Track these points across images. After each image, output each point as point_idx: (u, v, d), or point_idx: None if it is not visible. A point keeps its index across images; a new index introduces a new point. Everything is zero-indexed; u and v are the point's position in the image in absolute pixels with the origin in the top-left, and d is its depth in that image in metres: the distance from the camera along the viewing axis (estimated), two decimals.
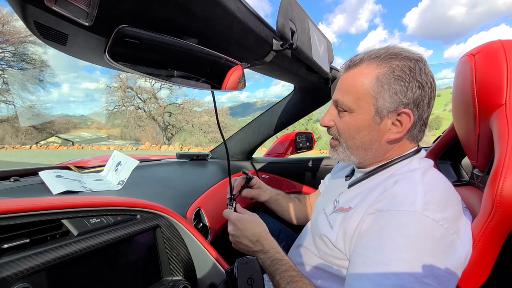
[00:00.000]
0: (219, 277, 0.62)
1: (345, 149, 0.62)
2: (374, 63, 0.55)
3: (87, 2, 0.35)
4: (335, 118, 0.62)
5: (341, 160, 0.65)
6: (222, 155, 1.45)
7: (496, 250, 0.49)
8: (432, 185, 0.52)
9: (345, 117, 0.59)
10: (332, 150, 0.66)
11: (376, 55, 0.56)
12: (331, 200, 0.67)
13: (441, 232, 0.46)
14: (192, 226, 0.63)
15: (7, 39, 18.85)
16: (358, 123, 0.57)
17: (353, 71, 0.57)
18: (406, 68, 0.53)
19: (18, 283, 0.35)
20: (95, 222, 0.48)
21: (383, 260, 0.45)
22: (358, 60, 0.57)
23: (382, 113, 0.55)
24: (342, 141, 0.62)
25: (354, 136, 0.59)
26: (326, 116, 0.64)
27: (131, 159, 0.86)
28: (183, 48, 0.48)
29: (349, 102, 0.57)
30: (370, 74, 0.55)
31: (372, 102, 0.55)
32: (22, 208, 0.40)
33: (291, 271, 0.56)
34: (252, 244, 0.63)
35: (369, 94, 0.55)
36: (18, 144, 20.04)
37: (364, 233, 0.51)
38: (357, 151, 0.61)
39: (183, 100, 23.17)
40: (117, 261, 0.50)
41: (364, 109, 0.56)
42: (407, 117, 0.55)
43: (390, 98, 0.54)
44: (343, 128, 0.60)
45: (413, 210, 0.47)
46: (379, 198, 0.52)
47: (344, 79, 0.59)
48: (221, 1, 0.46)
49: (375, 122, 0.56)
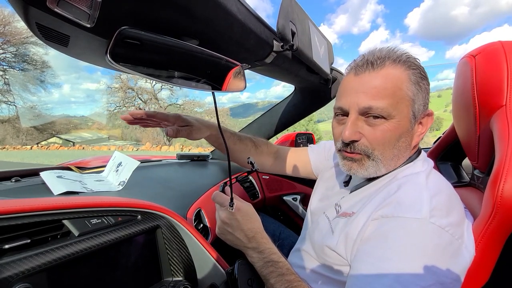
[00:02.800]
0: (220, 277, 0.62)
1: (378, 162, 0.54)
2: (398, 64, 0.52)
3: (88, 4, 0.35)
4: (363, 128, 0.53)
5: (365, 176, 0.57)
6: (222, 156, 1.45)
7: (497, 251, 0.49)
8: (436, 189, 0.51)
9: (383, 125, 0.52)
10: (358, 165, 0.56)
11: (396, 56, 0.53)
12: (332, 204, 0.65)
13: (448, 239, 0.45)
14: (192, 227, 0.63)
15: (9, 40, 18.92)
16: (400, 130, 0.52)
17: (380, 72, 0.51)
18: (422, 68, 0.54)
19: (19, 283, 0.35)
20: (96, 222, 0.48)
21: (389, 268, 0.44)
22: (380, 61, 0.52)
23: (417, 116, 0.53)
24: (376, 154, 0.54)
25: (394, 145, 0.53)
26: (351, 127, 0.53)
27: (131, 159, 0.86)
28: (184, 49, 0.48)
29: (389, 107, 0.50)
30: (403, 75, 0.51)
31: (410, 105, 0.52)
32: (23, 208, 0.40)
33: (288, 275, 0.53)
34: (246, 239, 0.57)
35: (408, 97, 0.51)
36: (19, 145, 20.07)
37: (367, 239, 0.49)
38: (391, 161, 0.55)
39: (183, 101, 23.23)
40: (117, 261, 0.50)
41: (403, 113, 0.51)
42: (430, 117, 0.55)
43: (423, 100, 0.53)
44: (380, 138, 0.52)
45: (419, 217, 0.45)
46: (384, 203, 0.51)
47: (368, 81, 0.52)
48: (221, 2, 0.46)
49: (411, 127, 0.53)
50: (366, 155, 0.54)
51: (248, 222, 0.57)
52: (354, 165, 0.56)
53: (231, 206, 0.60)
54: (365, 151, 0.54)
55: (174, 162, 1.28)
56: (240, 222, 0.57)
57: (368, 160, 0.55)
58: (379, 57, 0.52)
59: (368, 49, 0.56)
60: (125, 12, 0.40)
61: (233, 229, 0.57)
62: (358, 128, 0.54)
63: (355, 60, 0.57)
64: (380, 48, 0.56)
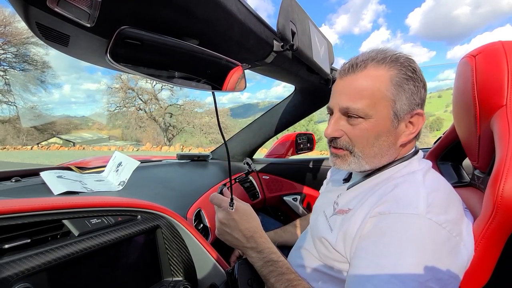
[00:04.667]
0: (220, 278, 0.62)
1: (360, 158, 0.57)
2: (381, 65, 0.54)
3: (88, 4, 0.35)
4: (344, 127, 0.57)
5: (349, 170, 0.61)
6: (222, 156, 1.45)
7: (498, 251, 0.48)
8: (434, 187, 0.52)
9: (361, 124, 0.55)
10: (341, 161, 0.60)
11: (381, 57, 0.54)
12: (331, 202, 0.66)
13: (445, 235, 0.45)
14: (192, 227, 0.63)
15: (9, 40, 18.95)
16: (378, 129, 0.55)
17: (360, 74, 0.55)
18: (411, 68, 0.54)
19: (19, 283, 0.36)
20: (96, 222, 0.48)
21: (387, 264, 0.44)
22: (363, 63, 0.55)
23: (399, 116, 0.54)
24: (356, 151, 0.57)
25: (373, 143, 0.56)
26: (333, 125, 0.58)
27: (132, 159, 0.87)
28: (184, 49, 0.49)
29: (365, 107, 0.53)
30: (383, 77, 0.53)
31: (390, 105, 0.53)
32: (23, 208, 0.40)
33: (288, 274, 0.54)
34: (245, 239, 0.57)
35: (387, 98, 0.53)
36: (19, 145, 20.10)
37: (366, 236, 0.50)
38: (374, 159, 0.57)
39: (184, 101, 23.25)
40: (117, 261, 0.50)
41: (382, 113, 0.54)
42: (420, 117, 0.55)
43: (407, 100, 0.54)
44: (359, 136, 0.56)
45: (416, 213, 0.46)
46: (381, 200, 0.52)
47: (350, 83, 0.56)
48: (221, 2, 0.46)
49: (393, 126, 0.55)
50: (349, 151, 0.58)
51: (245, 221, 0.58)
52: (338, 161, 0.61)
53: (231, 206, 0.60)
54: (347, 147, 0.58)
55: (174, 162, 1.28)
56: (238, 222, 0.57)
57: (351, 155, 0.59)
58: (362, 59, 0.55)
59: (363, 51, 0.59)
60: (125, 12, 0.40)
61: (231, 229, 0.58)
62: (340, 126, 0.58)
63: (344, 63, 0.60)
64: (371, 49, 0.58)
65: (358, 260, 0.49)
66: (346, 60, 0.60)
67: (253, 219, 0.59)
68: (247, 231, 0.57)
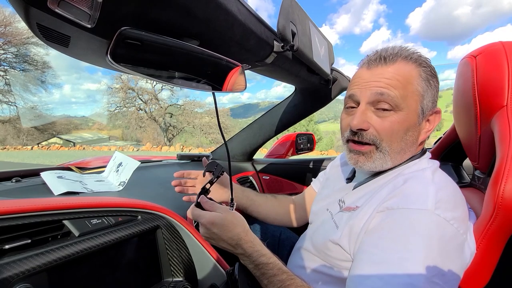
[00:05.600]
0: (220, 278, 0.62)
1: (386, 154, 0.55)
2: (409, 61, 0.54)
3: (89, 5, 0.35)
4: (372, 119, 0.55)
5: (372, 169, 0.57)
6: (223, 156, 1.45)
7: (498, 252, 0.48)
8: (442, 184, 0.52)
9: (391, 116, 0.53)
10: (365, 158, 0.56)
11: (407, 54, 0.55)
12: (335, 200, 0.66)
13: (452, 232, 0.45)
14: (193, 227, 0.63)
15: (10, 40, 18.97)
16: (407, 123, 0.54)
17: (392, 66, 0.54)
18: (432, 67, 0.55)
19: (20, 283, 0.36)
20: (96, 223, 0.48)
21: (394, 258, 0.44)
22: (392, 57, 0.54)
23: (425, 112, 0.55)
24: (384, 145, 0.54)
25: (402, 138, 0.54)
26: (360, 116, 0.54)
27: (132, 160, 0.87)
28: (184, 49, 0.49)
29: (399, 97, 0.52)
30: (414, 71, 0.53)
31: (419, 100, 0.54)
32: (24, 209, 0.40)
33: (280, 275, 0.52)
34: (231, 247, 0.55)
35: (417, 92, 0.53)
36: (19, 145, 20.12)
37: (372, 231, 0.50)
38: (398, 155, 0.56)
39: (184, 101, 23.26)
40: (118, 262, 0.50)
41: (412, 107, 0.53)
42: (437, 115, 0.56)
43: (432, 97, 0.55)
44: (388, 129, 0.53)
45: (424, 209, 0.46)
46: (389, 196, 0.52)
47: (382, 73, 0.54)
48: (222, 3, 0.46)
49: (419, 122, 0.55)
50: (375, 145, 0.55)
51: (227, 231, 0.54)
52: (361, 158, 0.57)
53: (232, 206, 0.61)
54: (374, 141, 0.55)
55: (174, 163, 1.28)
56: (219, 234, 0.54)
57: (376, 151, 0.55)
58: (391, 53, 0.55)
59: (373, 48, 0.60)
60: (125, 12, 0.40)
61: (216, 241, 0.56)
62: (367, 118, 0.55)
63: (368, 55, 0.59)
64: (393, 46, 0.58)
65: (363, 254, 0.49)
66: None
67: (235, 226, 0.55)
68: (231, 240, 0.54)
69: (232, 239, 0.54)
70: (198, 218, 0.55)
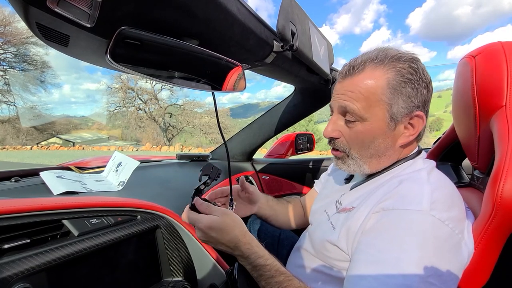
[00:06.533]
0: (219, 278, 0.62)
1: (357, 160, 0.59)
2: (379, 67, 0.53)
3: (88, 4, 0.35)
4: (342, 128, 0.58)
5: (351, 172, 0.61)
6: (222, 156, 1.45)
7: (497, 251, 0.49)
8: (438, 184, 0.52)
9: (357, 126, 0.56)
10: (340, 162, 0.61)
11: (379, 58, 0.54)
12: (333, 201, 0.66)
13: (447, 232, 0.45)
14: (192, 227, 0.63)
15: (9, 40, 18.94)
16: (373, 132, 0.55)
17: (357, 77, 0.55)
18: (412, 70, 0.53)
19: (19, 283, 0.36)
20: (95, 222, 0.48)
21: (389, 259, 0.45)
22: (361, 65, 0.55)
23: (396, 118, 0.54)
24: (353, 153, 0.58)
25: (369, 145, 0.56)
26: (330, 126, 0.59)
27: (131, 160, 0.87)
28: (184, 49, 0.49)
29: (361, 110, 0.54)
30: (380, 80, 0.53)
31: (386, 108, 0.53)
32: (23, 208, 0.40)
33: (277, 277, 0.52)
34: (230, 250, 0.55)
35: (382, 101, 0.53)
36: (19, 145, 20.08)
37: (368, 231, 0.50)
38: (371, 160, 0.58)
39: (184, 101, 23.24)
40: (117, 261, 0.50)
41: (378, 116, 0.54)
42: (420, 119, 0.55)
43: (404, 103, 0.53)
44: (355, 138, 0.57)
45: (420, 209, 0.46)
46: (385, 197, 0.52)
47: (348, 85, 0.56)
48: (222, 2, 0.46)
49: (390, 129, 0.55)
50: (345, 153, 0.60)
51: (225, 234, 0.54)
52: (339, 162, 0.62)
53: (231, 206, 0.60)
54: (344, 150, 0.60)
55: (174, 163, 1.28)
56: (217, 237, 0.54)
57: (348, 158, 0.60)
58: (361, 60, 0.55)
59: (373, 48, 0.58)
60: (125, 12, 0.40)
61: (215, 244, 0.56)
62: (338, 127, 0.59)
63: (344, 65, 0.60)
64: (373, 48, 0.58)
65: (359, 254, 0.49)
66: (346, 61, 0.60)
67: (233, 228, 0.55)
68: (229, 243, 0.54)
69: (230, 242, 0.54)
70: (195, 223, 0.54)
